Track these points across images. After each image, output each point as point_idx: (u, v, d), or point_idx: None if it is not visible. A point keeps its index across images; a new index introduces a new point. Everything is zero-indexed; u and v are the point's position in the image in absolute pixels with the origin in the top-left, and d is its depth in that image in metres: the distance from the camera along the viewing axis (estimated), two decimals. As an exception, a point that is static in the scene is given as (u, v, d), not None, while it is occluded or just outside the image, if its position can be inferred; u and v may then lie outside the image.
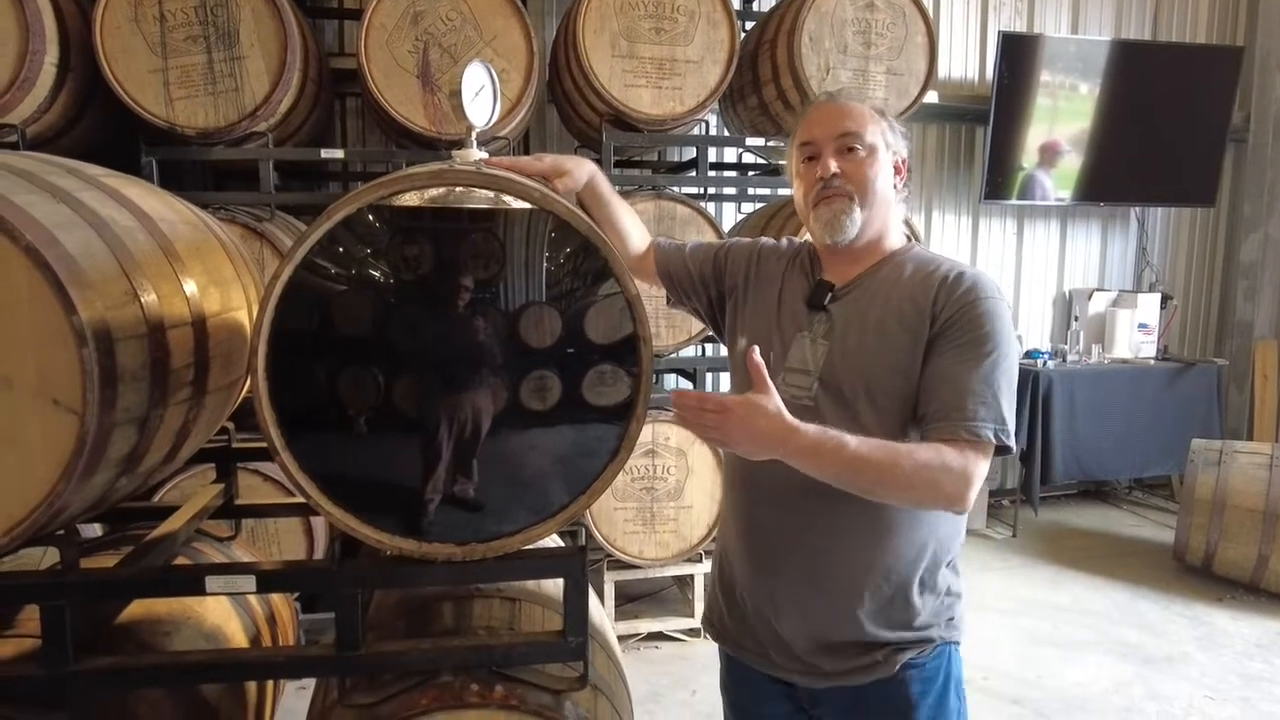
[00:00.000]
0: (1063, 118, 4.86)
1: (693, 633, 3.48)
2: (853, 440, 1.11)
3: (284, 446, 1.19)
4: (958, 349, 1.20)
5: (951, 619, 1.31)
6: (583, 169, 1.48)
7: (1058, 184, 4.96)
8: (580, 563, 1.36)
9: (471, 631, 1.48)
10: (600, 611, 1.86)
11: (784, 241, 1.48)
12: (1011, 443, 1.17)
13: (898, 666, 1.26)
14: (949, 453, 1.13)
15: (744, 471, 1.36)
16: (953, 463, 1.12)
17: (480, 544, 1.28)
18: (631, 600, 3.75)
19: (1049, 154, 4.90)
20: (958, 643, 1.32)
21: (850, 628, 1.27)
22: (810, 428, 1.11)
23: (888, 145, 1.31)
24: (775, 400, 1.11)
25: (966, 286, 1.23)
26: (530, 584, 1.65)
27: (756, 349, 1.14)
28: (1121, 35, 5.14)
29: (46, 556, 1.69)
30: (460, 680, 1.34)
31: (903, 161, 1.34)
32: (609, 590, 3.42)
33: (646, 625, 3.48)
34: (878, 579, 1.26)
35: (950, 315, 1.21)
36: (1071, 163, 4.95)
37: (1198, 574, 4.07)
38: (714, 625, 1.47)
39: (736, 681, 1.46)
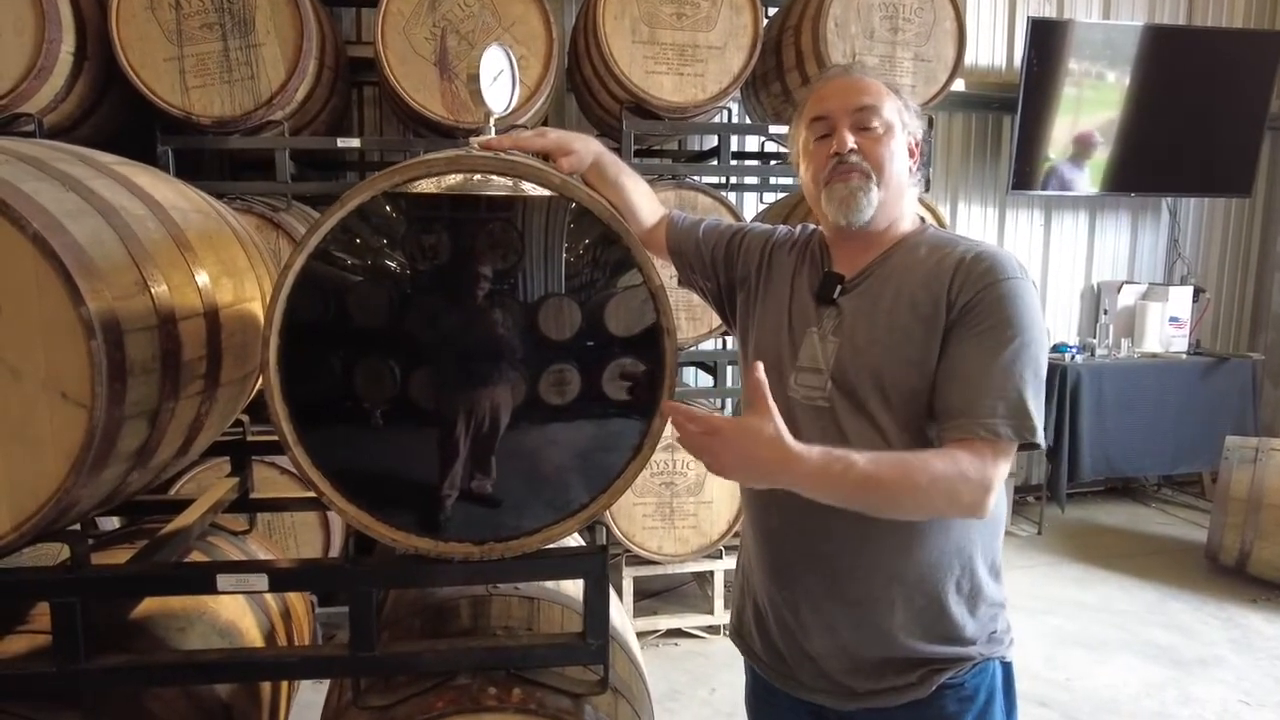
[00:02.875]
0: (1094, 106, 4.74)
1: (712, 630, 3.43)
2: (861, 459, 1.02)
3: (296, 441, 1.15)
4: (976, 336, 1.10)
5: (994, 632, 1.22)
6: (589, 148, 1.41)
7: (1087, 174, 4.84)
8: (601, 562, 1.32)
9: (489, 631, 1.44)
10: (620, 611, 1.82)
11: (798, 229, 1.39)
12: (1037, 439, 1.08)
13: (934, 688, 1.18)
14: (965, 459, 1.04)
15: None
16: (970, 470, 1.04)
17: (498, 543, 1.24)
18: (650, 596, 3.71)
19: (1079, 143, 4.78)
20: (1003, 657, 1.23)
21: (883, 643, 1.19)
22: (813, 451, 1.01)
23: (904, 124, 1.22)
24: (774, 423, 1.00)
25: (985, 267, 1.12)
26: (549, 582, 1.61)
27: (761, 366, 1.05)
28: (1155, 20, 5.00)
29: (64, 550, 1.68)
30: (477, 682, 1.30)
31: (917, 143, 1.25)
32: (628, 586, 3.39)
33: (665, 622, 3.44)
34: (908, 589, 1.18)
35: (968, 299, 1.11)
36: (1101, 152, 4.83)
37: (1231, 574, 3.96)
38: (742, 639, 1.40)
39: (761, 701, 1.39)
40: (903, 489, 1.03)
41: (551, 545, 1.29)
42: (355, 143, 3.17)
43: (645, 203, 1.49)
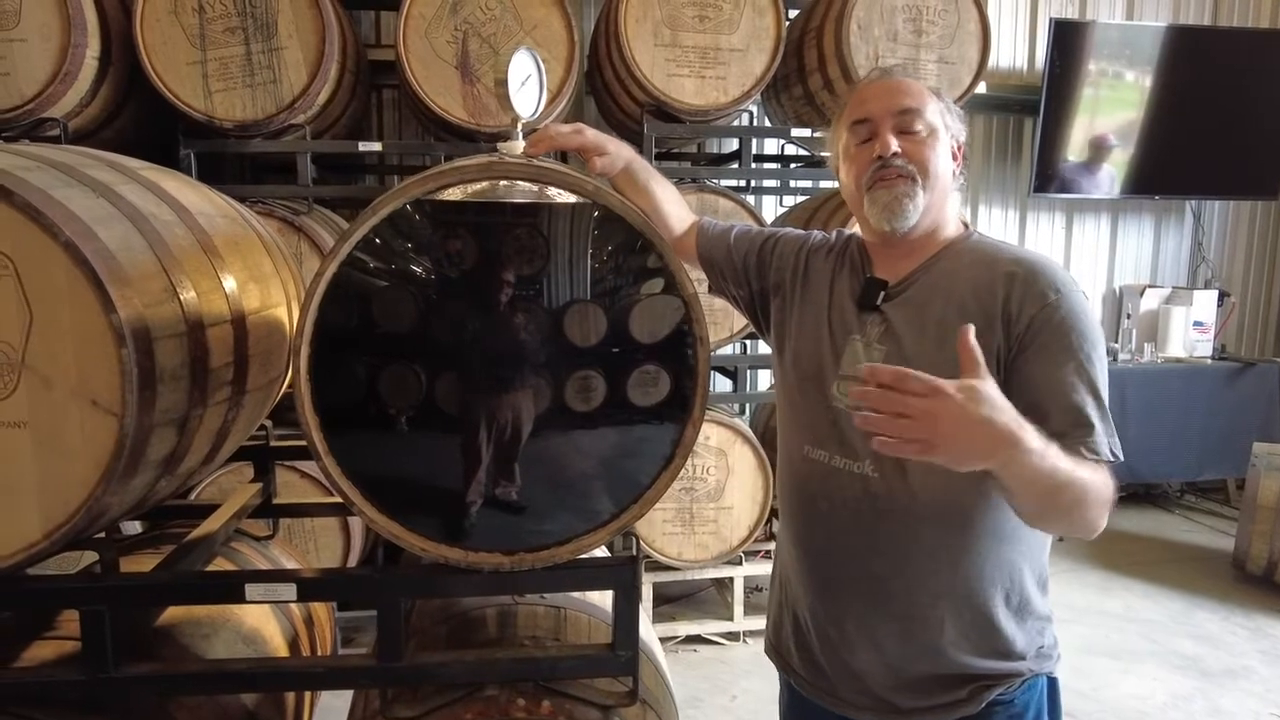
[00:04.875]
0: (1118, 108, 4.69)
1: (731, 636, 3.41)
2: (1053, 449, 0.93)
3: (327, 451, 1.14)
4: (1053, 357, 1.08)
5: (1042, 647, 1.20)
6: (620, 152, 1.40)
7: (1109, 177, 4.79)
8: (632, 573, 1.29)
9: (516, 641, 1.42)
10: (646, 621, 1.80)
11: (833, 234, 1.38)
12: (1121, 456, 1.06)
13: (984, 704, 1.15)
14: (1106, 477, 1.02)
15: (797, 492, 1.27)
16: (1106, 490, 1.02)
17: (528, 554, 1.23)
18: (668, 602, 3.69)
19: (1101, 146, 4.73)
20: (1050, 673, 1.20)
21: (931, 659, 1.17)
22: (1029, 427, 0.90)
23: (947, 127, 1.20)
24: (994, 387, 0.89)
25: (1042, 286, 1.10)
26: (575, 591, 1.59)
27: (972, 327, 0.92)
28: (1179, 20, 4.94)
29: (84, 555, 1.68)
30: (505, 694, 1.29)
31: (959, 146, 1.23)
32: (647, 592, 3.37)
33: (684, 628, 3.42)
34: (956, 604, 1.15)
35: (1031, 317, 1.09)
36: (1122, 154, 4.77)
37: (1259, 583, 3.89)
38: (779, 653, 1.37)
39: (798, 718, 1.36)
40: (1086, 494, 0.98)
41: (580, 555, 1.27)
42: (376, 146, 3.16)
43: (675, 209, 1.48)
